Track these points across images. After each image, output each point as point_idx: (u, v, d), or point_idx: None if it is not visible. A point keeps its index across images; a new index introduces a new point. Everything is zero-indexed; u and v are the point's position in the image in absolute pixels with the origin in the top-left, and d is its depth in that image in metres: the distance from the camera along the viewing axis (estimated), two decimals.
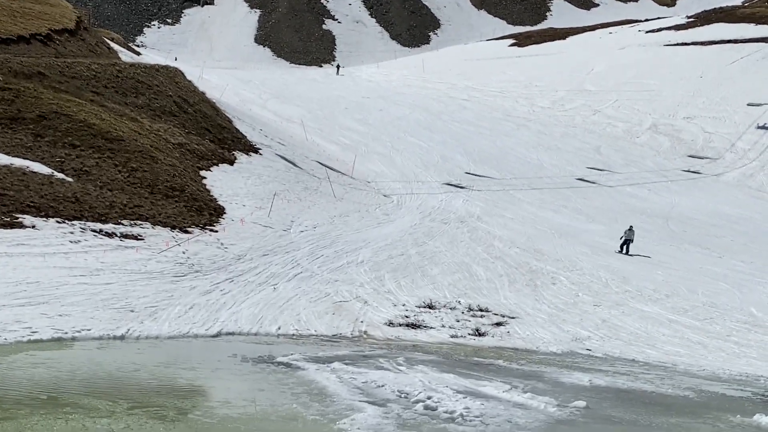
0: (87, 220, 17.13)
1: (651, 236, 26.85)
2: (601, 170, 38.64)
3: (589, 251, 23.35)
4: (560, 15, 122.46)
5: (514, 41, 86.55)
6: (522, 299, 17.79)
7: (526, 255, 21.88)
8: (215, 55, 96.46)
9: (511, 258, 21.42)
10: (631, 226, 24.36)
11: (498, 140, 44.03)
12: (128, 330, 12.51)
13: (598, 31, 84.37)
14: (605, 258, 22.72)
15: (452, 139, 42.73)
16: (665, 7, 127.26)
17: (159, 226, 18.28)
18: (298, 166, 29.53)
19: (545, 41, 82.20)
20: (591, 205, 31.64)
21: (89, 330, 12.15)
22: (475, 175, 34.89)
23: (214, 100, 34.19)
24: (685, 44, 62.95)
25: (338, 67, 72.94)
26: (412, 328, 14.89)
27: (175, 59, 76.93)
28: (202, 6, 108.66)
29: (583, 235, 25.87)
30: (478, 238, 23.47)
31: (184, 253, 17.09)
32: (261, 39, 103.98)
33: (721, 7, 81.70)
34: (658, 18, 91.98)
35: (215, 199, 21.92)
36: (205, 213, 20.45)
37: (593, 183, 35.82)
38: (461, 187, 31.72)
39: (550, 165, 38.98)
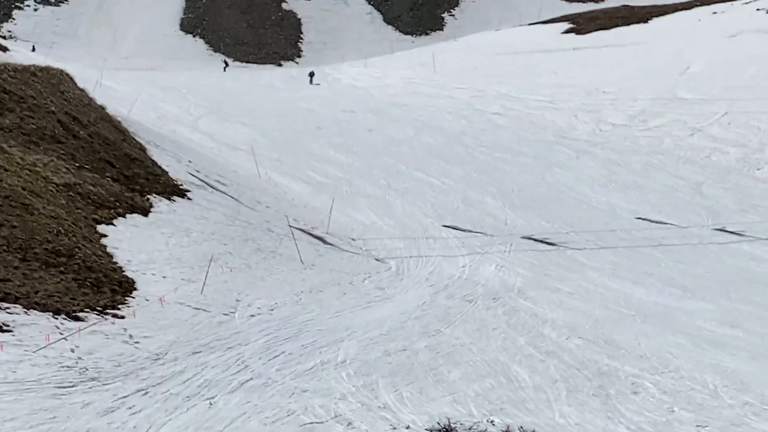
0: None
1: None
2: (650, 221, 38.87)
3: (688, 343, 23.38)
4: None
5: (571, 26, 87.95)
6: (588, 417, 17.79)
7: (592, 349, 21.91)
8: (122, 49, 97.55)
9: (571, 354, 21.44)
10: None
11: (548, 175, 44.39)
12: None
13: (696, 9, 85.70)
14: (713, 353, 22.75)
15: (479, 174, 43.08)
16: None
17: (35, 311, 18.30)
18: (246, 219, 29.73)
19: (617, 26, 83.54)
20: (690, 271, 31.77)
21: None
22: (513, 226, 35.14)
23: (119, 119, 34.55)
24: None
25: (312, 74, 73.90)
26: None
27: (33, 48, 79.37)
28: None
29: (678, 318, 25.93)
30: (520, 324, 23.52)
31: (73, 351, 17.10)
32: (190, 25, 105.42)
33: None
34: None
35: (121, 268, 21.99)
36: (106, 289, 20.50)
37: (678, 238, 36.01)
38: (483, 246, 31.89)
39: (628, 211, 39.24)
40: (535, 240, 33.80)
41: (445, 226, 33.73)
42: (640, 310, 26.07)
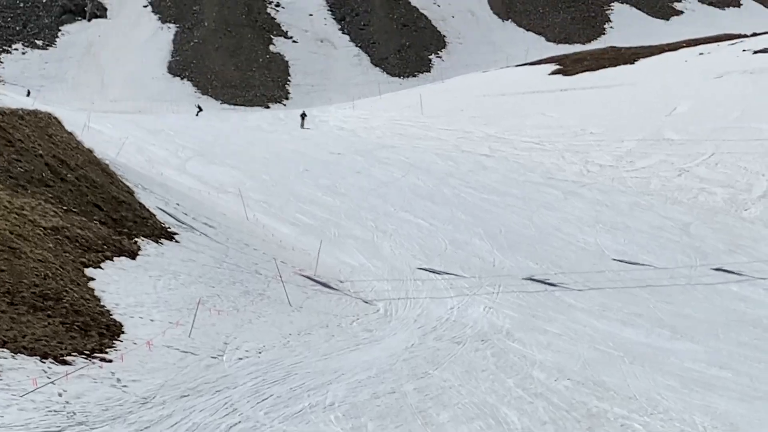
0: None
1: None
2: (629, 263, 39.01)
3: (677, 384, 23.43)
4: (625, 27, 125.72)
5: (558, 67, 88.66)
6: None
7: (581, 391, 21.94)
8: (109, 92, 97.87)
9: (560, 396, 21.47)
10: None
11: (536, 216, 44.57)
12: None
13: (682, 51, 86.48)
14: (702, 394, 22.80)
15: (466, 215, 43.22)
16: None
17: (22, 355, 18.28)
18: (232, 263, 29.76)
19: (604, 67, 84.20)
20: (679, 312, 31.86)
21: None
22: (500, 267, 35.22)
23: (107, 162, 34.63)
24: None
25: (303, 116, 73.51)
26: None
27: (28, 93, 79.66)
28: (89, 20, 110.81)
29: (667, 359, 25.99)
30: (509, 366, 23.55)
31: (60, 395, 17.07)
32: (178, 68, 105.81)
33: None
34: None
35: (108, 311, 21.97)
36: (93, 333, 20.48)
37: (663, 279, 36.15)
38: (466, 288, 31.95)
39: (615, 252, 39.39)
40: (536, 281, 34.00)
41: (420, 269, 33.87)
42: (629, 351, 26.12)
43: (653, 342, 27.80)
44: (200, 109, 80.00)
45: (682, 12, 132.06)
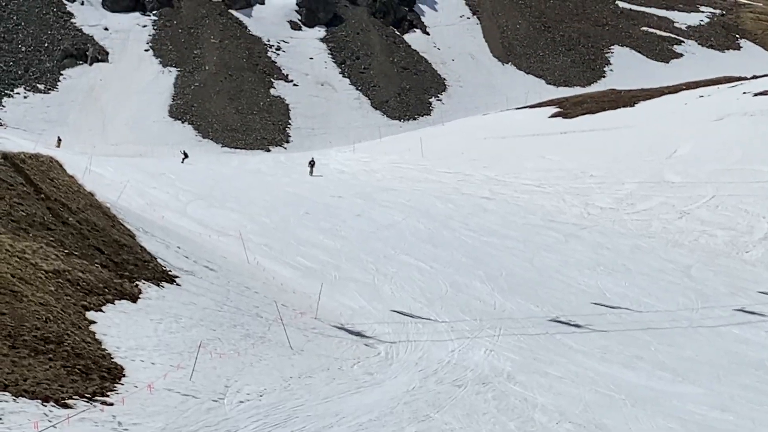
0: None
1: None
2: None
3: (679, 427, 23.46)
4: (625, 70, 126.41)
5: (558, 110, 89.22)
6: None
7: None
8: (111, 135, 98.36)
9: None
10: None
11: (536, 258, 44.66)
12: None
13: (682, 93, 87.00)
14: None
15: (467, 258, 43.31)
16: None
17: (24, 398, 18.33)
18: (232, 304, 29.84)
19: (604, 110, 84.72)
20: (680, 355, 31.89)
21: None
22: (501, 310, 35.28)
23: (108, 205, 34.81)
24: None
25: (312, 164, 72.20)
26: None
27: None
28: (91, 64, 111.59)
29: (669, 401, 26.02)
30: (510, 409, 23.58)
31: None
32: (179, 111, 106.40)
33: None
34: None
35: (110, 354, 22.03)
36: (95, 376, 20.53)
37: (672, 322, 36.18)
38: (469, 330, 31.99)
39: (616, 295, 39.43)
40: (561, 322, 34.21)
41: (394, 311, 33.99)
42: (630, 394, 26.17)
43: (655, 385, 27.83)
44: (186, 156, 78.99)
45: (681, 55, 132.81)
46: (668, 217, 52.37)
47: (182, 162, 74.65)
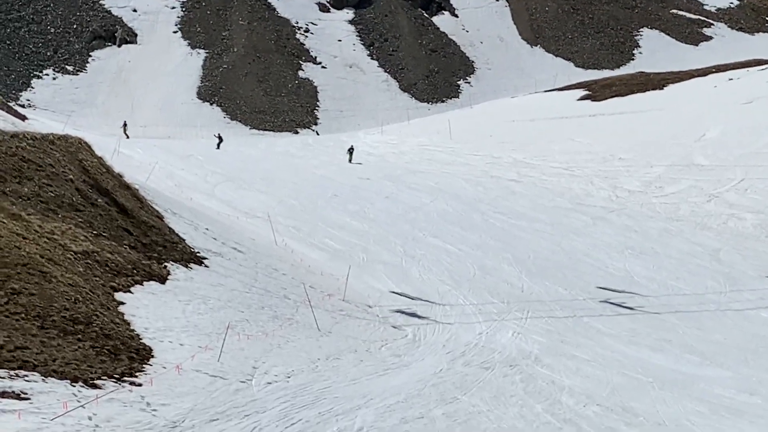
0: None
1: None
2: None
3: (706, 410, 23.33)
4: (654, 53, 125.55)
5: (587, 92, 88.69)
6: None
7: (610, 417, 21.89)
8: (139, 117, 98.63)
9: (588, 421, 21.42)
10: None
11: (564, 241, 44.52)
12: None
13: (711, 76, 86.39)
14: (732, 421, 22.69)
15: (495, 240, 43.21)
16: None
17: (53, 378, 18.42)
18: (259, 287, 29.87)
19: (633, 92, 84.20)
20: (708, 338, 31.75)
21: None
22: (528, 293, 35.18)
23: (136, 186, 34.88)
24: None
25: (351, 151, 67.97)
26: None
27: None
28: (120, 46, 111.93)
29: (697, 385, 25.89)
30: (537, 391, 23.53)
31: (90, 419, 17.18)
32: (207, 93, 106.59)
33: None
34: None
35: (138, 335, 22.10)
36: (123, 357, 20.60)
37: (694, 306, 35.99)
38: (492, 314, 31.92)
39: (644, 278, 39.26)
40: (613, 304, 34.45)
41: (393, 293, 33.92)
42: (658, 377, 26.06)
43: (683, 368, 27.72)
44: (221, 140, 73.51)
45: (711, 37, 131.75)
46: (697, 201, 52.06)
47: (217, 147, 70.56)
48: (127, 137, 69.32)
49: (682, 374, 26.88)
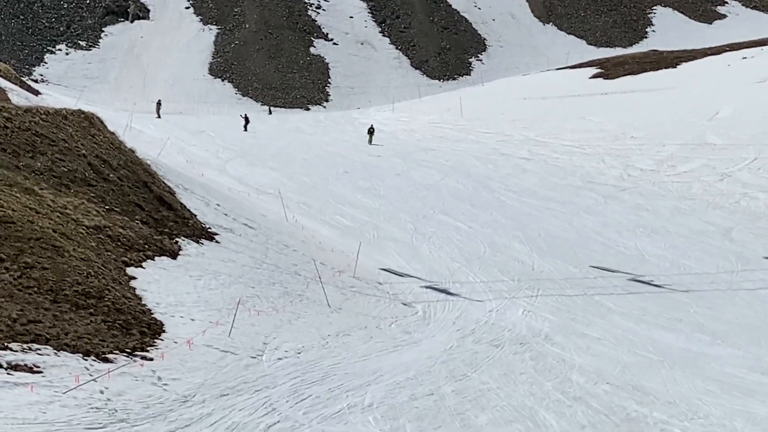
0: None
1: None
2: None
3: (717, 389, 23.31)
4: (667, 31, 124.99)
5: (599, 70, 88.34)
6: None
7: (620, 395, 21.88)
8: (151, 93, 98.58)
9: (598, 400, 21.43)
10: None
11: (575, 219, 44.44)
12: None
13: (725, 54, 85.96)
14: (743, 400, 22.66)
15: (506, 218, 43.17)
16: None
17: (65, 352, 18.50)
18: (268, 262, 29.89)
19: (645, 71, 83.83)
20: (720, 317, 31.69)
21: None
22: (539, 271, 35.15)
23: (148, 162, 34.91)
24: None
25: (371, 132, 65.42)
26: None
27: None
28: (132, 21, 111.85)
29: (708, 364, 25.86)
30: (547, 369, 23.53)
31: (102, 392, 17.25)
32: (219, 69, 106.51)
33: None
34: None
35: (150, 310, 22.17)
36: (135, 331, 20.67)
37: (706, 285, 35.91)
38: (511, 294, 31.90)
39: (656, 257, 39.20)
40: (642, 282, 34.65)
41: (383, 269, 33.86)
42: (669, 356, 26.03)
43: (693, 347, 27.67)
44: (248, 121, 68.45)
45: (725, 16, 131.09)
46: (709, 180, 51.93)
47: (245, 129, 66.75)
48: (159, 117, 67.18)
49: (692, 353, 26.84)
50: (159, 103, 75.96)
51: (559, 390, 21.89)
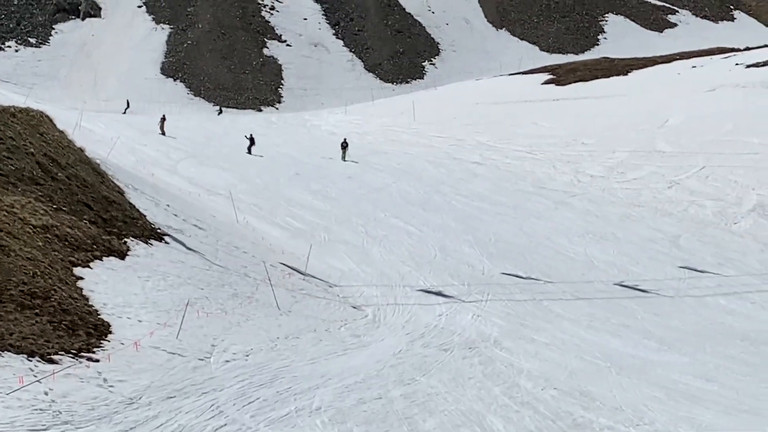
0: None
1: (757, 374, 27.10)
2: (693, 270, 39.13)
3: (663, 396, 23.51)
4: (619, 39, 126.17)
5: (551, 77, 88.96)
6: None
7: (567, 401, 22.00)
8: (102, 92, 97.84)
9: (546, 405, 21.53)
10: None
11: (525, 224, 44.67)
12: None
13: (675, 63, 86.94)
14: (688, 407, 22.88)
15: (457, 222, 43.29)
16: None
17: (9, 352, 18.28)
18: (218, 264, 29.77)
19: (597, 78, 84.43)
20: (666, 324, 31.99)
21: None
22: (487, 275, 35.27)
23: (98, 161, 34.62)
24: None
25: (345, 146, 59.86)
26: None
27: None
28: (83, 19, 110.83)
29: (654, 370, 26.09)
30: (496, 374, 23.61)
31: (46, 394, 17.07)
32: (171, 69, 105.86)
33: None
34: (766, 45, 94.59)
35: (97, 311, 21.98)
36: (81, 332, 20.48)
37: (655, 293, 36.23)
38: (457, 298, 32.00)
39: (604, 263, 39.50)
40: (626, 287, 35.21)
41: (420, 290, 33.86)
42: (616, 362, 26.22)
43: (640, 353, 27.91)
44: (252, 142, 60.47)
45: (676, 24, 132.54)
46: (658, 187, 52.42)
47: (248, 151, 58.76)
48: (162, 134, 60.94)
49: (639, 359, 27.07)
50: (163, 119, 65.53)
51: (507, 395, 21.97)
